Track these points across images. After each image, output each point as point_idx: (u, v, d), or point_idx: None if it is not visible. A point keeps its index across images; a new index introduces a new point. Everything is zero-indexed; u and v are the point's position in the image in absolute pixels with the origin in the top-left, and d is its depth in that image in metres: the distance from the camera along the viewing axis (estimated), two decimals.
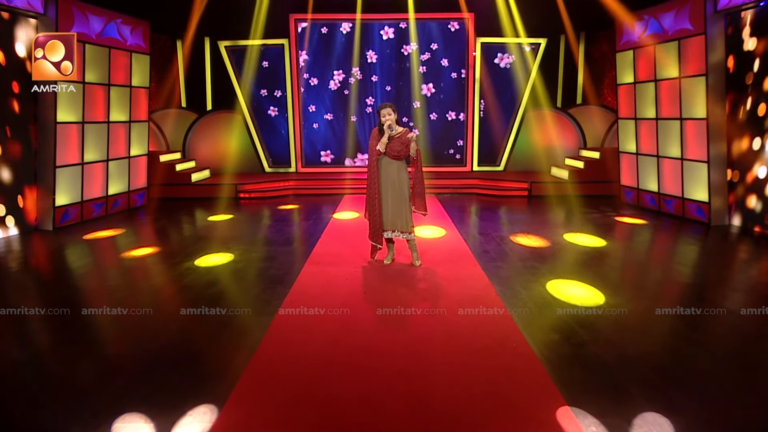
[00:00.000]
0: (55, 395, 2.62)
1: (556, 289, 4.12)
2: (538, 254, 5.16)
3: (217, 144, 10.04)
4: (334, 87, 9.85)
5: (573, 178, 8.72)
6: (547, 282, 4.27)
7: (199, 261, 5.03)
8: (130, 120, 7.62)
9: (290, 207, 8.07)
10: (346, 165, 10.15)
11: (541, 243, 5.54)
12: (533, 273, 4.52)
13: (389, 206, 4.63)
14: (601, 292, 4.02)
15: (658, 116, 7.17)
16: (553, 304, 3.81)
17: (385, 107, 4.51)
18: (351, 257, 5.09)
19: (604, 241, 5.68)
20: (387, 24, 9.61)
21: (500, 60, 9.77)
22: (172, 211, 7.66)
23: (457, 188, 9.24)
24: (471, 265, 4.80)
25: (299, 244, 5.77)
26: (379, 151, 4.55)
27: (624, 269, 4.85)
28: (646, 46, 7.21)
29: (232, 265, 4.94)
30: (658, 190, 7.27)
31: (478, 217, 7.17)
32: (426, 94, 9.88)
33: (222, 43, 9.58)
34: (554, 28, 9.57)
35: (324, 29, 9.60)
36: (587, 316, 3.57)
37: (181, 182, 8.75)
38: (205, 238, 6.01)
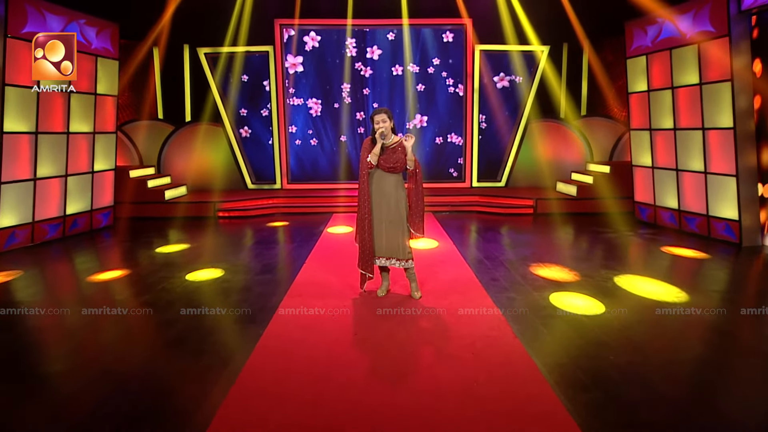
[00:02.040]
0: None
1: (590, 331, 3.47)
2: (561, 288, 4.52)
3: (195, 158, 9.39)
4: (323, 101, 9.30)
5: (582, 194, 8.16)
6: (581, 323, 3.63)
7: (160, 292, 4.32)
8: (95, 131, 6.95)
9: (273, 226, 7.38)
10: (336, 181, 9.55)
11: (566, 275, 4.76)
12: (555, 307, 3.88)
13: (383, 229, 3.99)
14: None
15: (676, 126, 6.65)
16: (593, 353, 3.16)
17: (379, 113, 3.91)
18: (339, 287, 4.42)
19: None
20: (380, 30, 9.12)
21: (500, 80, 9.32)
22: (139, 233, 6.94)
23: (456, 206, 8.63)
24: (480, 296, 4.15)
25: (280, 270, 5.08)
26: (370, 164, 3.93)
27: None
28: (661, 50, 6.74)
29: (195, 297, 4.24)
30: (678, 207, 6.72)
31: (482, 238, 6.55)
32: (421, 108, 9.37)
33: (201, 50, 9.01)
34: (557, 36, 9.15)
35: (312, 36, 9.08)
36: (642, 374, 2.91)
37: (153, 200, 8.04)
38: (171, 265, 5.30)
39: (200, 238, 6.72)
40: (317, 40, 9.09)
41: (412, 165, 3.95)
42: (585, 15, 8.38)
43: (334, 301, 4.06)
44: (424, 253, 5.54)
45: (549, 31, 8.94)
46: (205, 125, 9.36)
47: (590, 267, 5.04)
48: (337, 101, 9.33)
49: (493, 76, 9.29)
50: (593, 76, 9.59)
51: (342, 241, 6.47)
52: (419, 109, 9.39)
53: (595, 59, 9.46)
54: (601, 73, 9.37)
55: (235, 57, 9.07)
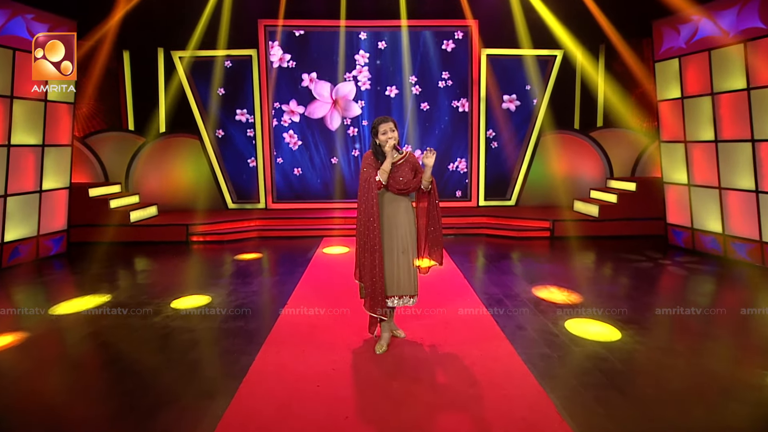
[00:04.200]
0: None
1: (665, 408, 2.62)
2: (610, 350, 3.68)
3: (169, 175, 8.54)
4: (313, 111, 8.52)
5: (605, 214, 7.36)
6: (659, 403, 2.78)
7: (98, 348, 3.43)
8: (44, 143, 6.09)
9: (252, 253, 6.51)
10: (327, 200, 8.72)
11: (610, 328, 3.83)
12: (608, 375, 3.03)
13: (394, 261, 3.27)
14: None
15: (718, 138, 5.90)
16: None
17: (387, 121, 3.21)
18: (330, 339, 3.55)
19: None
20: (373, 33, 8.39)
21: (509, 102, 8.62)
22: (93, 262, 6.04)
23: (461, 228, 7.79)
24: (505, 353, 3.30)
25: (258, 312, 4.20)
26: (379, 183, 3.16)
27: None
28: (698, 52, 6.02)
29: (138, 355, 3.36)
30: (722, 231, 5.93)
31: (495, 268, 5.70)
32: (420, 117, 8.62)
33: (177, 54, 8.23)
34: (572, 39, 8.45)
35: (300, 38, 8.33)
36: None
37: (116, 222, 7.15)
38: (119, 306, 4.41)
39: (165, 269, 5.84)
40: (306, 42, 8.34)
41: (429, 183, 3.26)
42: (603, 16, 7.68)
43: (322, 359, 3.21)
44: (428, 286, 4.67)
45: (563, 33, 8.24)
46: (181, 138, 8.55)
47: (638, 309, 4.19)
48: (329, 110, 8.54)
49: (500, 88, 8.57)
50: (609, 83, 8.89)
51: (336, 266, 5.65)
52: (417, 129, 8.62)
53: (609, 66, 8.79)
54: (617, 81, 8.68)
55: (215, 62, 8.29)
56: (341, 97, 8.45)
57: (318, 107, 8.49)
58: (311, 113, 8.50)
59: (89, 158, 7.98)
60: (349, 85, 8.44)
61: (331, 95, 8.46)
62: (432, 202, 3.35)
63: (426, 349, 3.41)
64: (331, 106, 8.49)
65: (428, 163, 3.13)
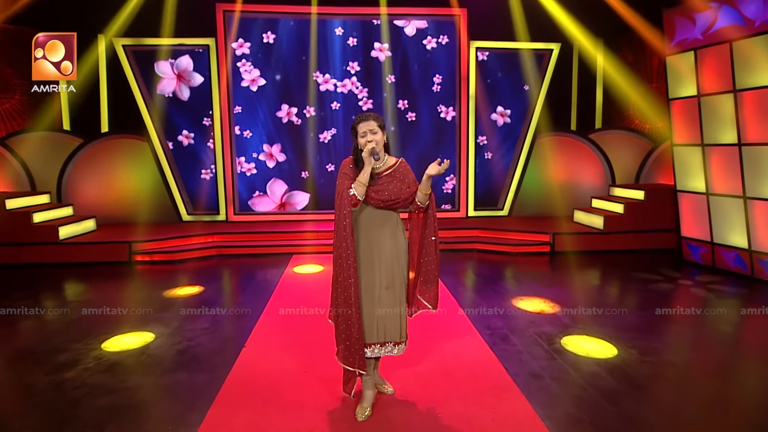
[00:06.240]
0: None
1: None
2: (642, 396, 3.09)
3: (111, 182, 7.66)
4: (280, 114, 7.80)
5: (611, 226, 6.86)
6: None
7: None
8: None
9: (208, 276, 5.73)
10: (297, 210, 8.01)
11: (644, 368, 3.39)
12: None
13: (375, 299, 2.59)
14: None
15: (741, 141, 5.46)
16: None
17: (366, 119, 2.56)
18: (297, 398, 2.84)
19: None
20: (348, 21, 7.75)
21: (500, 116, 8.12)
22: (4, 290, 5.17)
23: (449, 242, 7.13)
24: (521, 411, 2.68)
25: (207, 359, 3.45)
26: (354, 198, 2.47)
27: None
28: (717, 44, 5.59)
29: (45, 417, 2.59)
30: (748, 246, 5.47)
31: (492, 292, 5.08)
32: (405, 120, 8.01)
33: (119, 41, 7.39)
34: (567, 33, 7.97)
35: (265, 24, 7.62)
36: None
37: (40, 240, 6.25)
38: (30, 352, 3.59)
39: (98, 297, 5.00)
40: (272, 31, 7.63)
41: (426, 200, 2.59)
42: (599, 10, 7.21)
43: (291, 421, 2.54)
44: (418, 318, 3.99)
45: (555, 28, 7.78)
46: (126, 138, 7.69)
47: (674, 345, 3.63)
48: (300, 108, 7.84)
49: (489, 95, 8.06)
50: (608, 81, 8.47)
51: (308, 290, 4.99)
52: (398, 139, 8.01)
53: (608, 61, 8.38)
54: (618, 78, 8.26)
55: (166, 51, 7.50)
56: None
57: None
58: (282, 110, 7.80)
59: (11, 162, 7.04)
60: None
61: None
62: (427, 224, 2.68)
63: (422, 411, 2.75)
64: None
65: (430, 172, 2.47)
